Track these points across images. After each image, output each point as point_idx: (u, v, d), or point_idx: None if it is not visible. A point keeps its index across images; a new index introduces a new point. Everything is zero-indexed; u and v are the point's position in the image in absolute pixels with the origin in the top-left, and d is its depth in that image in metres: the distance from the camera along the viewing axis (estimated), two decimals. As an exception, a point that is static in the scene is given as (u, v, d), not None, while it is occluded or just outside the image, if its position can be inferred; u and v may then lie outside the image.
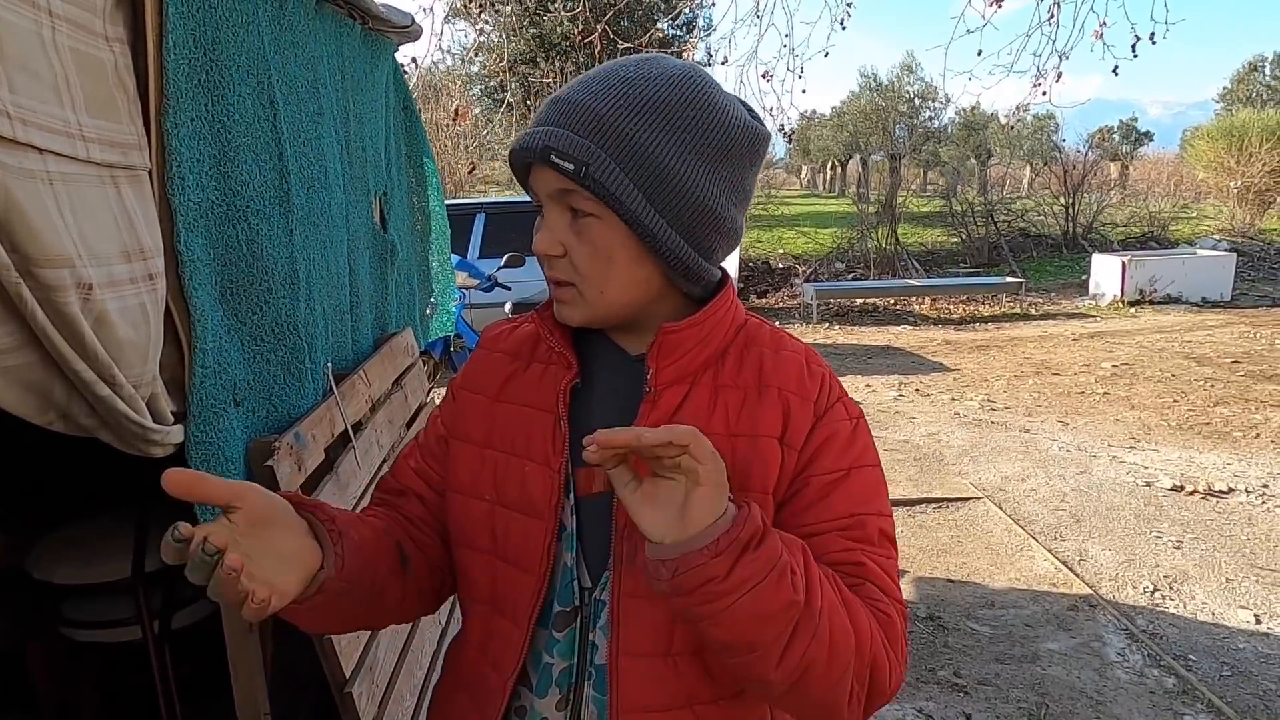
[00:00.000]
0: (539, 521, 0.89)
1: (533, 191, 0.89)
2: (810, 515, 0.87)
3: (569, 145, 0.82)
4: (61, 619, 2.00)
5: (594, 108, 0.83)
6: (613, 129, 0.82)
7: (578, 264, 0.86)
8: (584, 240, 0.86)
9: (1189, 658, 3.02)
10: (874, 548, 0.87)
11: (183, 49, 1.29)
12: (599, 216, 0.84)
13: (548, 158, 0.83)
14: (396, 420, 2.24)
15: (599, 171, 0.82)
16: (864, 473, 0.89)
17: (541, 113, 0.87)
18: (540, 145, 0.83)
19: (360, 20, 2.21)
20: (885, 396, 6.67)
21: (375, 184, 2.37)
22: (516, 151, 0.87)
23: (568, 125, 0.83)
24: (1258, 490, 4.53)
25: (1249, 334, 8.78)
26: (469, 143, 13.98)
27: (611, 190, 0.82)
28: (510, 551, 0.91)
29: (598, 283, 0.87)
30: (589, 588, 0.90)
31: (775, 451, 0.87)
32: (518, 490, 0.91)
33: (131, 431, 1.16)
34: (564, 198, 0.85)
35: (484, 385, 0.99)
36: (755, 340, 0.94)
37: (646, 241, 0.85)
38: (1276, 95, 28.45)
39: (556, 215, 0.87)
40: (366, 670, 1.62)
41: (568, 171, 0.82)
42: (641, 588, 0.85)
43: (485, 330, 1.07)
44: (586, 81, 0.87)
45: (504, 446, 0.94)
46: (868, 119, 23.34)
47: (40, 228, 0.94)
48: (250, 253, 1.50)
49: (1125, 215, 16.11)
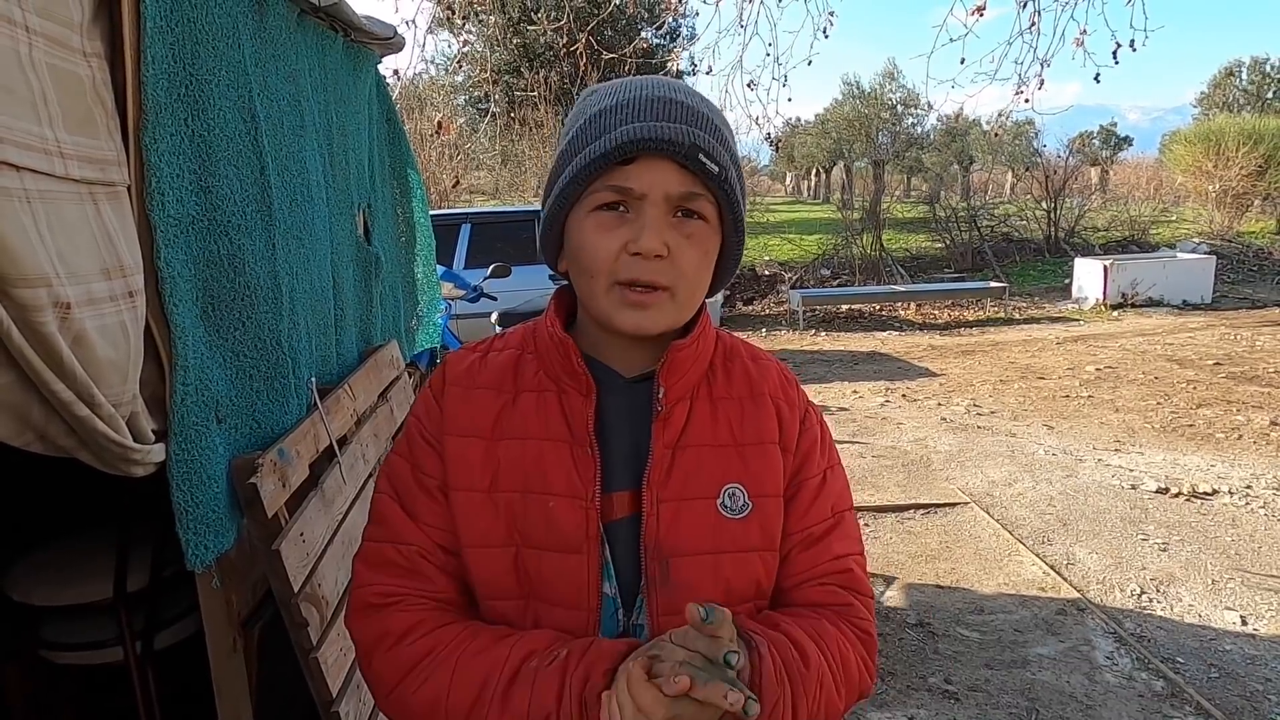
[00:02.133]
0: (577, 556, 0.86)
1: (623, 188, 0.83)
2: (808, 517, 0.93)
3: (713, 149, 0.83)
4: (41, 641, 1.96)
5: (711, 119, 0.85)
6: (726, 141, 0.86)
7: (683, 266, 0.84)
8: (694, 241, 0.85)
9: (1177, 660, 3.03)
10: (854, 546, 0.96)
11: (161, 63, 1.27)
12: (708, 221, 0.86)
13: (696, 156, 0.82)
14: (382, 434, 2.22)
15: (733, 179, 0.86)
16: (836, 471, 0.98)
17: (659, 109, 0.83)
18: (688, 142, 0.81)
19: (342, 32, 2.20)
20: (872, 402, 6.69)
21: (359, 196, 2.36)
22: (640, 141, 0.81)
23: (704, 130, 0.83)
24: (1241, 491, 4.57)
25: (1229, 336, 8.87)
26: (454, 153, 13.96)
27: (738, 197, 0.87)
28: (549, 592, 0.87)
29: (695, 286, 0.87)
30: (625, 614, 0.89)
31: (778, 456, 0.92)
32: (543, 528, 0.87)
33: (111, 451, 1.14)
34: (685, 200, 0.84)
35: (475, 427, 0.91)
36: (733, 351, 0.98)
37: (734, 248, 0.90)
38: (1253, 100, 28.84)
39: (662, 216, 0.84)
40: (354, 689, 1.60)
41: (712, 174, 0.83)
42: (677, 604, 0.83)
43: (449, 363, 0.96)
44: (685, 92, 0.87)
45: (517, 486, 0.88)
46: (851, 126, 23.48)
47: (16, 247, 0.93)
48: (232, 268, 1.48)
49: (1106, 219, 16.28)
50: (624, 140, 0.81)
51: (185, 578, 1.64)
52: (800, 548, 0.92)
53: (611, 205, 0.84)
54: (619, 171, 0.83)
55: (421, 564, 0.90)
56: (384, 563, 0.91)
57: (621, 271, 0.83)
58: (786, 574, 0.92)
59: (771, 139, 5.67)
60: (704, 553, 0.87)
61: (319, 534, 1.65)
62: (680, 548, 0.87)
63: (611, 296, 0.84)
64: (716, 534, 0.88)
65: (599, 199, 0.84)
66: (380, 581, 0.90)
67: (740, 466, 0.90)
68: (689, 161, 0.82)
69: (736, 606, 0.87)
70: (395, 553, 0.90)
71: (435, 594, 0.90)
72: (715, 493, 0.89)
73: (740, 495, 0.89)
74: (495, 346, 0.97)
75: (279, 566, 1.46)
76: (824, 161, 28.68)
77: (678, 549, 0.87)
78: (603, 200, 0.84)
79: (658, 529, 0.87)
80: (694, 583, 0.86)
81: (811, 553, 0.92)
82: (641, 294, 0.83)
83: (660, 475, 0.88)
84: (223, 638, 1.54)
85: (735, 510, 0.89)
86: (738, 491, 0.89)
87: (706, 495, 0.88)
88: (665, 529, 0.87)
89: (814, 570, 0.92)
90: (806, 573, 0.92)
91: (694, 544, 0.87)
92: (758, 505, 0.89)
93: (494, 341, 0.99)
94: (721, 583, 0.87)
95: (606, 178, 0.83)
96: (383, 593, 0.90)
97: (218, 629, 1.53)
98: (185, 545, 1.33)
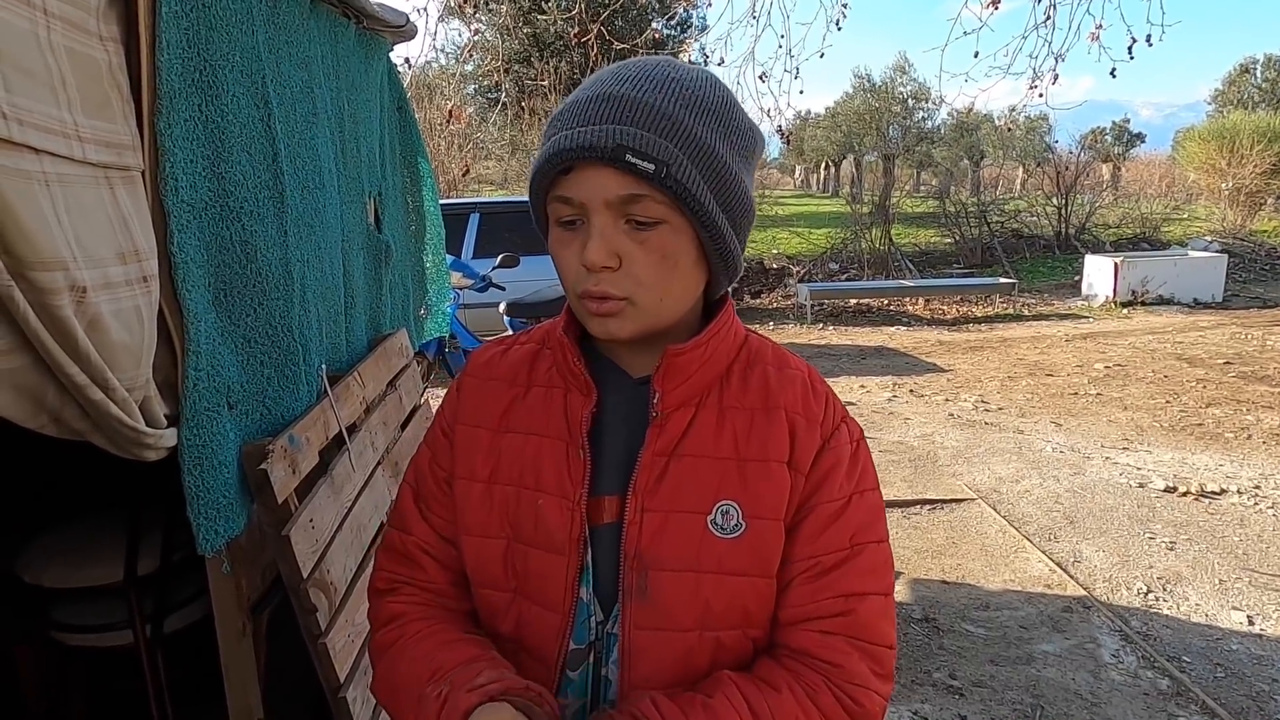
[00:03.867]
0: (558, 557, 0.85)
1: (565, 199, 0.79)
2: (817, 545, 0.85)
3: (647, 145, 0.75)
4: (52, 623, 1.98)
5: (660, 106, 0.77)
6: (683, 128, 0.77)
7: (639, 274, 0.79)
8: (648, 248, 0.79)
9: (1183, 659, 3.02)
10: (872, 584, 0.86)
11: (176, 49, 1.27)
12: (666, 221, 0.78)
13: (622, 157, 0.75)
14: (391, 422, 2.23)
15: (679, 172, 0.76)
16: (865, 498, 0.88)
17: (591, 110, 0.77)
18: (612, 144, 0.74)
19: (355, 20, 2.19)
20: (879, 397, 6.67)
21: (370, 184, 2.36)
22: (566, 151, 0.76)
23: (639, 124, 0.76)
24: (1249, 491, 4.55)
25: (1240, 335, 8.82)
26: (463, 142, 13.95)
27: (692, 191, 0.77)
28: (532, 589, 0.87)
29: (658, 291, 0.80)
30: (601, 621, 0.86)
31: (785, 477, 0.85)
32: (532, 525, 0.86)
33: (124, 435, 1.15)
34: (627, 204, 0.77)
35: (483, 418, 0.92)
36: (759, 358, 0.91)
37: (714, 244, 0.81)
38: (1268, 97, 28.59)
39: (610, 223, 0.78)
40: (361, 674, 1.61)
41: (646, 173, 0.75)
42: (652, 619, 0.83)
43: (473, 356, 0.98)
44: (634, 79, 0.79)
45: (513, 480, 0.88)
46: (861, 119, 23.38)
47: (34, 230, 0.93)
48: (244, 254, 1.49)
49: (1117, 216, 16.17)
50: (552, 152, 0.78)
51: (195, 562, 1.65)
52: (804, 578, 0.85)
53: (566, 219, 0.81)
54: (561, 182, 0.79)
55: (418, 554, 0.95)
56: (390, 549, 0.98)
57: (580, 283, 0.80)
58: (785, 605, 0.85)
59: (783, 132, 5.65)
60: (685, 569, 0.83)
61: (328, 520, 1.65)
62: (661, 560, 0.83)
63: (581, 308, 0.83)
64: (701, 551, 0.83)
65: (554, 212, 0.81)
66: (385, 567, 0.98)
67: (738, 483, 0.84)
68: (617, 164, 0.75)
69: (716, 631, 0.84)
70: (399, 541, 0.97)
71: (427, 583, 0.95)
72: (708, 508, 0.83)
73: (734, 513, 0.83)
74: (519, 340, 0.97)
75: (288, 552, 1.47)
76: (834, 155, 28.57)
77: (659, 561, 0.83)
78: (557, 214, 0.81)
79: (639, 538, 0.83)
80: (670, 599, 0.83)
81: (816, 586, 0.84)
82: (600, 304, 0.80)
83: (648, 483, 0.84)
84: (232, 622, 1.55)
85: (726, 529, 0.83)
86: (732, 509, 0.83)
87: (698, 509, 0.83)
88: (647, 539, 0.83)
89: (815, 607, 0.84)
90: (806, 608, 0.84)
91: (676, 559, 0.83)
92: (751, 527, 0.83)
93: (520, 336, 0.98)
94: (700, 603, 0.83)
95: (554, 189, 0.80)
96: (385, 579, 0.98)
97: (227, 613, 1.54)
98: (196, 530, 1.34)
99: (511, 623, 0.89)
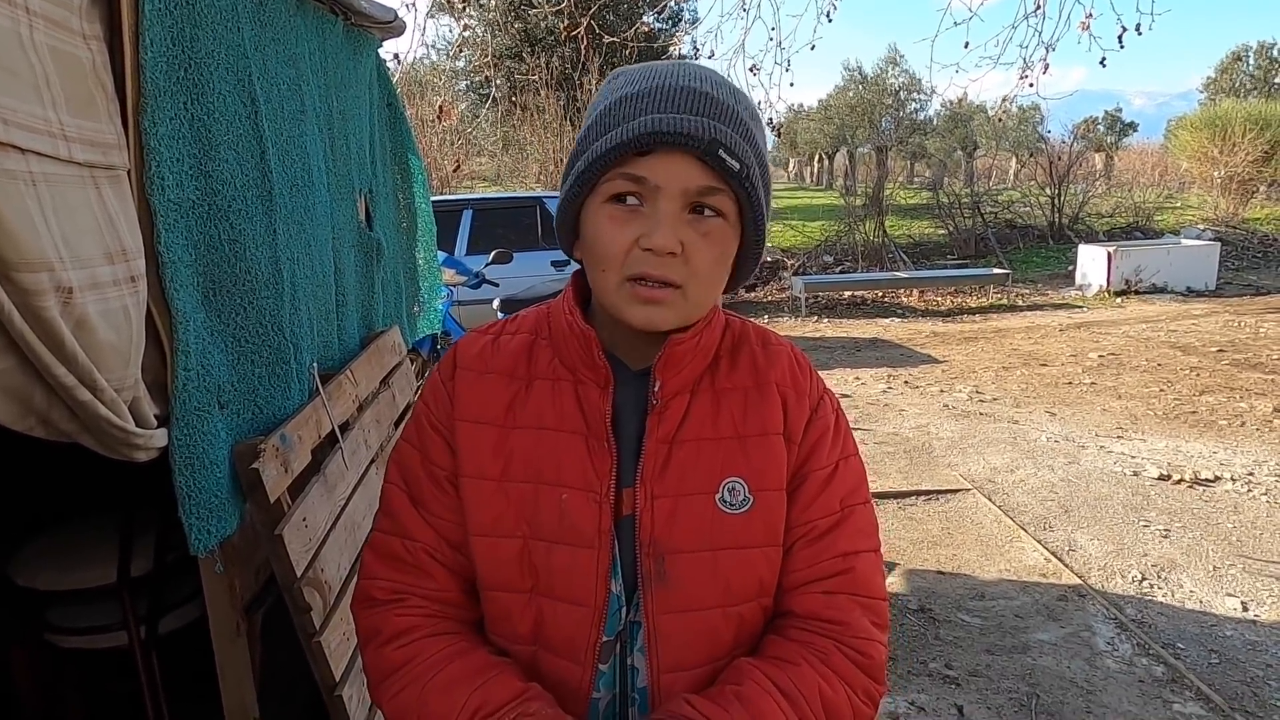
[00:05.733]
0: (587, 551, 0.85)
1: (638, 178, 0.80)
2: (812, 510, 0.89)
3: (735, 144, 0.79)
4: (46, 626, 1.97)
5: (738, 113, 0.81)
6: (753, 138, 0.82)
7: (697, 264, 0.81)
8: (710, 240, 0.81)
9: (1177, 646, 3.04)
10: (863, 542, 0.91)
11: (160, 46, 1.27)
12: (726, 218, 0.82)
13: (715, 151, 0.78)
14: (384, 420, 2.22)
15: (754, 176, 0.81)
16: (850, 463, 0.93)
17: (680, 100, 0.79)
18: (708, 137, 0.77)
19: (342, 16, 2.18)
20: (874, 389, 6.68)
21: (360, 181, 2.35)
22: (659, 134, 0.77)
23: (728, 123, 0.79)
24: (1243, 478, 4.57)
25: (1233, 323, 8.85)
26: (455, 139, 13.91)
27: (760, 195, 0.83)
28: (556, 586, 0.86)
29: (708, 285, 0.84)
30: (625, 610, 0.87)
31: (782, 447, 0.89)
32: (555, 521, 0.86)
33: (114, 436, 1.14)
34: (703, 195, 0.80)
35: (486, 414, 0.90)
36: (743, 339, 0.95)
37: (756, 248, 0.86)
38: (1260, 85, 28.64)
39: (678, 212, 0.80)
40: (357, 673, 1.61)
41: (732, 170, 0.79)
42: (675, 602, 0.85)
43: (461, 347, 0.95)
44: (709, 79, 0.82)
45: (529, 476, 0.87)
46: (854, 112, 23.38)
47: (19, 231, 0.92)
48: (233, 253, 1.48)
49: (1110, 205, 16.21)
50: (641, 131, 0.78)
51: (189, 563, 1.65)
52: (804, 542, 0.89)
53: (624, 196, 0.81)
54: (635, 162, 0.79)
55: (426, 561, 0.91)
56: (390, 556, 0.92)
57: (633, 266, 0.80)
58: (787, 570, 0.89)
59: (774, 124, 5.64)
60: (701, 549, 0.85)
61: (321, 519, 1.65)
62: (677, 544, 0.85)
63: (622, 292, 0.81)
64: (715, 530, 0.85)
65: (613, 188, 0.81)
66: (385, 576, 0.92)
67: (742, 460, 0.87)
68: (708, 157, 0.78)
69: (738, 605, 0.86)
70: (402, 548, 0.91)
71: (436, 592, 0.91)
72: (714, 488, 0.86)
73: (741, 489, 0.86)
74: (507, 330, 0.95)
75: (282, 551, 1.46)
76: (827, 147, 28.57)
77: (674, 545, 0.85)
78: (617, 190, 0.81)
79: (652, 525, 0.85)
80: (690, 580, 0.85)
81: (814, 549, 0.88)
82: (652, 290, 0.80)
83: (654, 471, 0.86)
84: (226, 622, 1.55)
85: (735, 505, 0.86)
86: (738, 486, 0.86)
87: (705, 490, 0.86)
88: (660, 525, 0.85)
89: (815, 569, 0.88)
90: (807, 571, 0.88)
91: (690, 540, 0.85)
92: (759, 500, 0.86)
93: (505, 325, 0.96)
94: (720, 580, 0.85)
95: (622, 166, 0.80)
96: (386, 588, 0.91)
97: (221, 614, 1.54)
98: (188, 530, 1.34)
99: (530, 623, 0.88)
